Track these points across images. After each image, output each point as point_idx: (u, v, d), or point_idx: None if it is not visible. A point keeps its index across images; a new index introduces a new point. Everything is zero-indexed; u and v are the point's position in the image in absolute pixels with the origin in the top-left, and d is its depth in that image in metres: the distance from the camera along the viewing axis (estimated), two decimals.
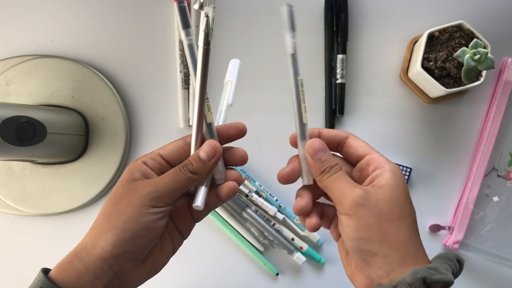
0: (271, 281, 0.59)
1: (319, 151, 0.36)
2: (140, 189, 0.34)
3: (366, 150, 0.36)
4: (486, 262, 0.57)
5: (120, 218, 0.34)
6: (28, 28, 0.61)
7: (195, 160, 0.35)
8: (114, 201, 0.35)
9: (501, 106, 0.57)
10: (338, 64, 0.59)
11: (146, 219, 0.34)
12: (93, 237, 0.35)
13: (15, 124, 0.47)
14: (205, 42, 0.34)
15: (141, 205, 0.34)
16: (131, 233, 0.33)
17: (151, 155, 0.37)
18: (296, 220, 0.58)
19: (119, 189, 0.35)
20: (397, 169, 0.35)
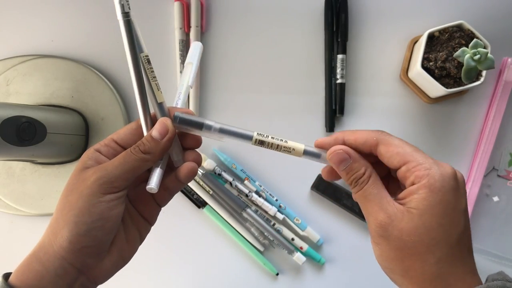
0: (271, 281, 0.59)
1: (342, 161, 0.32)
2: (88, 177, 0.32)
3: (401, 159, 0.31)
4: (487, 262, 0.57)
5: (72, 211, 0.31)
6: (28, 28, 0.61)
7: (147, 139, 0.33)
8: (66, 194, 0.33)
9: (501, 106, 0.57)
10: (338, 64, 0.59)
11: (99, 209, 0.31)
12: (49, 235, 0.32)
13: (15, 124, 0.47)
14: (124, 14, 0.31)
15: (91, 194, 0.31)
16: (86, 226, 0.31)
17: (104, 142, 0.34)
18: (296, 220, 0.58)
19: (70, 180, 0.33)
20: (438, 181, 0.29)
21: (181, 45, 0.60)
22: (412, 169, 0.30)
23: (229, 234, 0.59)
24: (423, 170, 0.30)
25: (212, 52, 0.61)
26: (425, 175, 0.29)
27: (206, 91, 0.61)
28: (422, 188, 0.29)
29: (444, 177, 0.30)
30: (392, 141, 0.32)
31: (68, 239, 0.31)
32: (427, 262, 0.29)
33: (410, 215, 0.29)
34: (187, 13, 0.60)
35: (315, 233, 0.58)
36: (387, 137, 0.32)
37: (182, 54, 0.60)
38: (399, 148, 0.31)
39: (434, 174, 0.29)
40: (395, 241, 0.29)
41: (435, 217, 0.29)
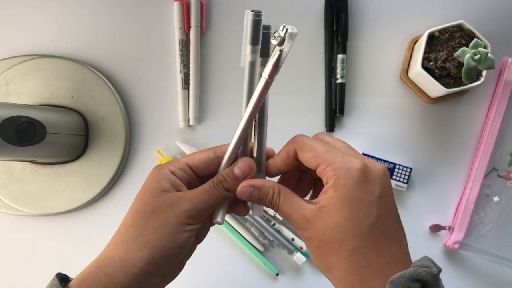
0: (271, 281, 0.59)
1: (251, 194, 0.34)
2: (176, 205, 0.33)
3: (315, 162, 0.32)
4: (486, 262, 0.57)
5: (156, 235, 0.32)
6: (28, 28, 0.61)
7: (229, 177, 0.34)
8: (146, 215, 0.33)
9: (501, 106, 0.57)
10: (338, 64, 0.59)
11: (182, 237, 0.33)
12: (122, 252, 0.33)
13: (15, 124, 0.47)
14: (271, 75, 0.32)
15: (178, 222, 0.33)
16: (167, 251, 0.33)
17: (178, 165, 0.35)
18: None
19: (150, 201, 0.34)
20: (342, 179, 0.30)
21: (181, 45, 0.60)
22: (323, 171, 0.32)
23: (229, 234, 0.59)
24: (331, 170, 0.31)
25: (212, 52, 0.61)
26: (332, 175, 0.31)
27: (206, 91, 0.61)
28: (330, 187, 0.31)
29: (348, 173, 0.31)
30: (306, 145, 0.34)
31: (146, 260, 0.32)
32: (341, 256, 0.30)
33: (321, 213, 0.31)
34: (187, 13, 0.60)
35: None
36: (302, 142, 0.34)
37: (182, 54, 0.60)
38: (312, 152, 0.33)
39: (339, 172, 0.31)
40: (315, 241, 0.31)
41: (341, 212, 0.30)
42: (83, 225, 0.60)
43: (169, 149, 0.60)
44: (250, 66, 0.33)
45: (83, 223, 0.60)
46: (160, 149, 0.59)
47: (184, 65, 0.60)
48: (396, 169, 0.57)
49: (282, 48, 0.30)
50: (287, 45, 0.30)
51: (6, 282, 0.60)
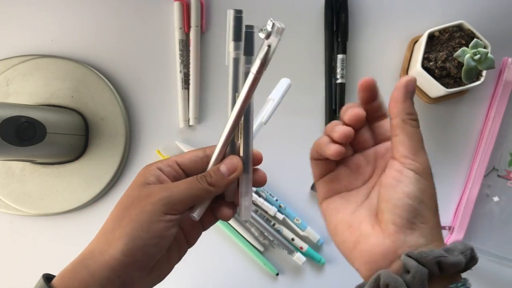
0: (271, 281, 0.59)
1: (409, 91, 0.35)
2: (154, 194, 0.33)
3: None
4: (486, 262, 0.57)
5: (132, 224, 0.32)
6: (28, 28, 0.61)
7: (214, 172, 0.34)
8: (126, 205, 0.33)
9: (501, 106, 0.57)
10: (338, 64, 0.59)
11: (158, 227, 0.32)
12: (101, 243, 0.33)
13: (15, 124, 0.47)
14: (259, 71, 0.32)
15: (153, 211, 0.32)
16: (143, 241, 0.32)
17: (167, 162, 0.35)
18: (296, 220, 0.58)
19: (131, 192, 0.34)
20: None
21: (181, 45, 0.60)
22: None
23: (229, 234, 0.59)
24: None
25: (212, 52, 0.61)
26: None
27: (206, 91, 0.61)
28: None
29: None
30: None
31: (122, 251, 0.32)
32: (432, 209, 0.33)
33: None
34: (187, 13, 0.60)
35: (315, 233, 0.58)
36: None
37: (182, 54, 0.60)
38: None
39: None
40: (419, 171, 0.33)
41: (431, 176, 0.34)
42: (83, 225, 0.60)
43: (169, 149, 0.60)
44: (234, 62, 0.34)
45: (83, 223, 0.60)
46: (160, 149, 0.59)
47: (184, 65, 0.60)
48: None
49: (270, 44, 0.31)
50: (274, 39, 0.31)
51: (6, 282, 0.60)
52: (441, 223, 0.33)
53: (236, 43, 0.33)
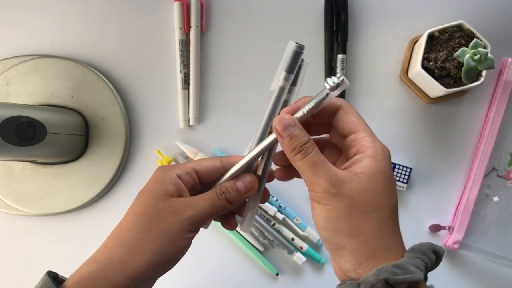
0: (271, 281, 0.59)
1: (288, 126, 0.33)
2: (180, 211, 0.33)
3: (353, 128, 0.33)
4: (486, 262, 0.57)
5: (159, 241, 0.32)
6: (28, 28, 0.61)
7: (232, 189, 0.35)
8: (151, 219, 0.33)
9: (501, 106, 0.57)
10: (338, 64, 0.59)
11: (183, 244, 0.33)
12: (123, 253, 0.33)
13: (15, 124, 0.47)
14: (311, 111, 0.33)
15: (181, 229, 0.33)
16: (167, 257, 0.33)
17: (185, 169, 0.35)
18: (296, 220, 0.58)
19: (154, 204, 0.34)
20: (380, 153, 0.32)
21: (181, 45, 0.60)
22: (360, 139, 0.33)
23: (229, 234, 0.59)
24: (369, 142, 0.33)
25: (212, 52, 0.61)
26: (370, 146, 0.32)
27: (206, 91, 0.61)
28: (367, 157, 0.32)
29: (385, 152, 0.33)
30: (351, 109, 0.34)
31: (147, 265, 0.32)
32: (373, 220, 0.31)
33: (358, 178, 0.31)
34: (187, 13, 0.60)
35: (315, 233, 0.58)
36: (348, 106, 0.35)
37: (182, 54, 0.60)
38: (354, 117, 0.34)
39: (378, 147, 0.33)
40: (347, 200, 0.31)
41: (380, 182, 0.32)
42: (83, 225, 0.60)
43: (169, 149, 0.60)
44: (279, 90, 0.35)
45: (83, 223, 0.60)
46: (160, 149, 0.59)
47: (184, 65, 0.60)
48: (396, 169, 0.57)
49: (329, 93, 0.33)
50: (335, 92, 0.32)
51: (6, 282, 0.60)
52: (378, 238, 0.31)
53: (287, 74, 0.34)
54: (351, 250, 0.31)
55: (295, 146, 0.32)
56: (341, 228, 0.31)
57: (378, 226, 0.31)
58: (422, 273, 0.29)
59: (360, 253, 0.31)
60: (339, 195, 0.31)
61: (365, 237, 0.31)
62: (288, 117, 0.33)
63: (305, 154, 0.32)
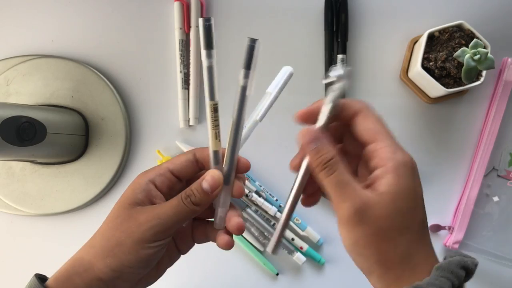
0: (271, 281, 0.59)
1: (313, 140, 0.31)
2: (142, 220, 0.33)
3: (371, 136, 0.31)
4: (486, 262, 0.57)
5: (120, 248, 0.33)
6: (28, 28, 0.61)
7: (198, 191, 0.34)
8: (114, 225, 0.34)
9: (501, 106, 0.57)
10: (338, 64, 0.59)
11: (146, 253, 0.33)
12: (90, 255, 0.34)
13: (15, 124, 0.47)
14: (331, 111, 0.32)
15: (143, 240, 0.33)
16: (129, 263, 0.33)
17: (159, 171, 0.35)
18: (296, 220, 0.58)
19: (120, 212, 0.34)
20: (402, 166, 0.30)
21: (181, 45, 0.60)
22: (379, 149, 0.31)
23: None
24: (390, 153, 0.30)
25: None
26: (391, 158, 0.30)
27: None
28: (389, 172, 0.30)
29: (407, 164, 0.31)
30: (370, 115, 0.32)
31: (110, 267, 0.33)
32: (400, 244, 0.30)
33: (383, 201, 0.30)
34: (187, 13, 0.60)
35: (315, 233, 0.58)
36: (368, 110, 0.33)
37: (182, 54, 0.60)
38: (373, 124, 0.32)
39: (399, 158, 0.30)
40: (373, 227, 0.30)
41: (405, 202, 0.30)
42: (83, 225, 0.60)
43: (169, 149, 0.60)
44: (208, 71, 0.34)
45: (83, 223, 0.60)
46: (160, 149, 0.59)
47: (184, 65, 0.60)
48: None
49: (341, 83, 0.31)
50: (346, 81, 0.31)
51: (6, 282, 0.60)
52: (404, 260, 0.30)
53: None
54: (378, 275, 0.31)
55: (319, 162, 0.31)
56: (369, 255, 0.30)
57: (405, 249, 0.30)
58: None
59: (388, 277, 0.30)
60: (365, 223, 0.30)
61: (392, 263, 0.30)
62: (314, 129, 0.31)
63: (331, 171, 0.30)
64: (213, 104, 0.34)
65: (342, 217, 0.30)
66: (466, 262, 0.30)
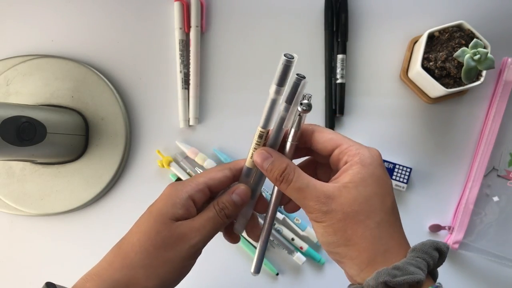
0: (271, 281, 0.59)
1: (264, 159, 0.34)
2: (187, 238, 0.34)
3: (334, 143, 0.34)
4: (486, 262, 0.57)
5: (165, 268, 0.33)
6: (28, 28, 0.61)
7: (230, 204, 0.36)
8: (157, 245, 0.33)
9: (501, 106, 0.57)
10: (338, 64, 0.59)
11: (187, 269, 0.35)
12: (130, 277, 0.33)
13: (15, 124, 0.47)
14: (294, 138, 0.35)
15: (187, 257, 0.34)
16: (172, 283, 0.34)
17: (197, 186, 0.35)
18: (296, 220, 0.58)
19: (161, 229, 0.34)
20: (368, 158, 0.32)
21: (181, 45, 0.60)
22: (345, 150, 0.33)
23: None
24: (355, 150, 0.33)
25: (212, 52, 0.61)
26: (357, 153, 0.33)
27: (206, 91, 0.61)
28: (355, 164, 0.32)
29: (373, 155, 0.33)
30: (325, 129, 0.35)
31: None
32: (368, 227, 0.31)
33: (347, 189, 0.31)
34: (187, 13, 0.60)
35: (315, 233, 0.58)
36: (321, 127, 0.35)
37: (182, 54, 0.60)
38: (331, 135, 0.34)
39: (364, 152, 0.33)
40: (338, 214, 0.31)
41: (370, 187, 0.32)
42: (83, 225, 0.60)
43: (169, 149, 0.60)
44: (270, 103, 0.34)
45: (83, 223, 0.60)
46: (160, 149, 0.59)
47: (184, 65, 0.60)
48: (396, 169, 0.57)
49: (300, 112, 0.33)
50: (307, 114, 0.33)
51: (6, 282, 0.60)
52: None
53: (277, 87, 0.33)
54: (351, 258, 0.32)
55: (276, 177, 0.33)
56: (338, 241, 0.32)
57: (374, 232, 0.31)
58: (424, 273, 0.29)
59: (360, 260, 0.31)
60: (330, 211, 0.31)
61: (362, 245, 0.31)
62: (263, 150, 0.34)
63: (288, 181, 0.33)
64: (261, 131, 0.35)
65: (311, 215, 0.32)
66: (438, 244, 0.32)
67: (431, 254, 0.31)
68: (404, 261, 0.30)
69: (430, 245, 0.31)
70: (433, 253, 0.31)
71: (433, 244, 0.31)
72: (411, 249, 0.31)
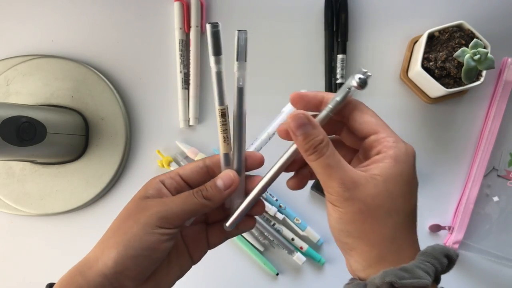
0: (271, 281, 0.59)
1: (302, 125, 0.31)
2: (149, 207, 0.34)
3: (373, 128, 0.32)
4: (486, 262, 0.57)
5: (125, 235, 0.33)
6: (28, 28, 0.61)
7: (210, 186, 0.35)
8: (123, 218, 0.34)
9: (501, 106, 0.57)
10: (338, 64, 0.59)
11: (150, 239, 0.33)
12: (97, 252, 0.34)
13: (15, 124, 0.47)
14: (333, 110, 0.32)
15: (147, 224, 0.33)
16: (134, 251, 0.32)
17: (170, 174, 0.36)
18: (296, 220, 0.58)
19: (130, 205, 0.35)
20: (403, 154, 0.31)
21: (181, 45, 0.60)
22: (381, 139, 0.32)
23: None
24: (392, 142, 0.32)
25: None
26: (393, 147, 0.31)
27: (206, 91, 0.61)
28: (388, 158, 0.31)
29: (408, 153, 0.32)
30: (368, 109, 0.34)
31: (114, 259, 0.32)
32: (387, 224, 0.30)
33: (375, 181, 0.30)
34: (187, 13, 0.60)
35: (315, 233, 0.58)
36: (364, 106, 0.34)
37: (182, 54, 0.60)
38: (373, 118, 0.33)
39: (401, 147, 0.32)
40: (359, 204, 0.30)
41: (398, 186, 0.31)
42: (83, 225, 0.60)
43: (169, 149, 0.60)
44: (217, 77, 0.34)
45: (83, 223, 0.60)
46: (160, 149, 0.59)
47: (184, 65, 0.60)
48: None
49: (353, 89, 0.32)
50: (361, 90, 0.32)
51: (6, 282, 0.60)
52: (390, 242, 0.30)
53: (216, 57, 0.33)
54: (361, 252, 0.31)
55: (309, 146, 0.31)
56: (352, 231, 0.31)
57: (391, 231, 0.30)
58: (431, 278, 0.29)
59: (370, 255, 0.31)
60: (352, 199, 0.30)
61: (376, 241, 0.30)
62: (302, 115, 0.31)
63: (319, 154, 0.31)
64: (221, 109, 0.34)
65: (330, 195, 0.31)
66: (449, 251, 0.31)
67: (440, 260, 0.30)
68: (413, 263, 0.29)
69: (441, 251, 0.31)
70: (442, 259, 0.30)
71: (444, 250, 0.31)
72: (421, 253, 0.31)
